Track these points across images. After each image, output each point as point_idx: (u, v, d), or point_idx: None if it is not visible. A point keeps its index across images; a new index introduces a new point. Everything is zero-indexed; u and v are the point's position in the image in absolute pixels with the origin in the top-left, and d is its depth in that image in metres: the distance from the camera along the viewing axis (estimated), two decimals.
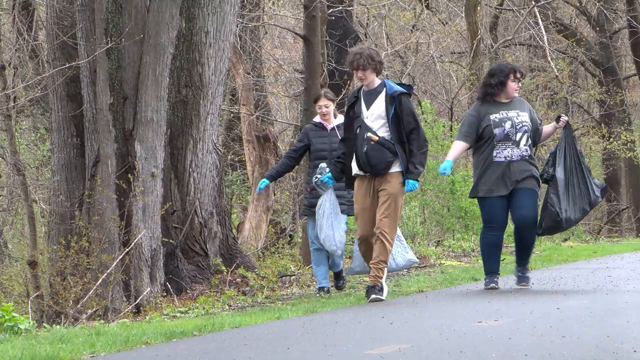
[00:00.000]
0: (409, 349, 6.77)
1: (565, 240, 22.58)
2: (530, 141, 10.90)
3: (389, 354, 6.59)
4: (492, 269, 11.07)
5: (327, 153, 11.57)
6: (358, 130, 10.32)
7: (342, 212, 11.34)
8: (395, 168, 10.25)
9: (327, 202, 11.14)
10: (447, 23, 29.32)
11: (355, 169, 10.41)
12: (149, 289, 11.90)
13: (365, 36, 26.37)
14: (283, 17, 24.21)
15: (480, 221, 20.34)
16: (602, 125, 30.78)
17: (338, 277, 12.03)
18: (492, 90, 10.98)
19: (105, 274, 11.37)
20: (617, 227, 30.94)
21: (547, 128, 11.30)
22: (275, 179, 12.57)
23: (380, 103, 10.32)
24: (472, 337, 7.29)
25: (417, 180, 10.27)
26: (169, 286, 12.49)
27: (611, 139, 29.27)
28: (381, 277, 10.38)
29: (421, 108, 22.89)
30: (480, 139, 10.91)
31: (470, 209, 20.22)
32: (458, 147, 11.07)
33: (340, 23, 21.62)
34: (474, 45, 25.53)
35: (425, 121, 21.61)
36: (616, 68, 31.98)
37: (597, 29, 31.33)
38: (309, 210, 11.61)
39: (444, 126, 22.03)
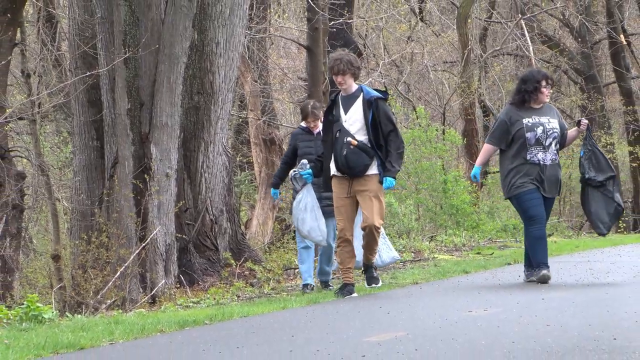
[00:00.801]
0: (405, 337, 6.77)
1: (550, 235, 22.51)
2: (558, 146, 10.72)
3: (386, 341, 6.58)
4: (542, 259, 10.57)
5: (313, 157, 11.41)
6: (338, 134, 9.97)
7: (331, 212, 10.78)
8: (373, 170, 9.93)
9: (309, 197, 10.67)
10: (440, 34, 29.34)
11: (333, 170, 10.06)
12: (163, 281, 11.90)
13: (364, 47, 26.37)
14: (288, 29, 24.19)
15: (470, 219, 20.42)
16: None
17: (326, 284, 11.51)
18: (528, 96, 10.72)
19: (123, 267, 11.37)
20: None
21: (571, 132, 11.00)
22: (280, 185, 12.21)
23: (357, 107, 9.99)
24: (463, 325, 7.29)
25: (394, 178, 9.94)
26: (182, 278, 12.49)
27: None
28: (373, 258, 10.23)
29: (416, 113, 22.89)
30: (512, 142, 10.65)
31: (461, 207, 20.22)
32: (489, 150, 10.84)
33: (341, 34, 21.58)
34: (465, 55, 25.54)
35: (420, 125, 21.61)
36: (597, 76, 31.95)
37: (579, 39, 31.31)
38: None
39: (437, 130, 22.02)
